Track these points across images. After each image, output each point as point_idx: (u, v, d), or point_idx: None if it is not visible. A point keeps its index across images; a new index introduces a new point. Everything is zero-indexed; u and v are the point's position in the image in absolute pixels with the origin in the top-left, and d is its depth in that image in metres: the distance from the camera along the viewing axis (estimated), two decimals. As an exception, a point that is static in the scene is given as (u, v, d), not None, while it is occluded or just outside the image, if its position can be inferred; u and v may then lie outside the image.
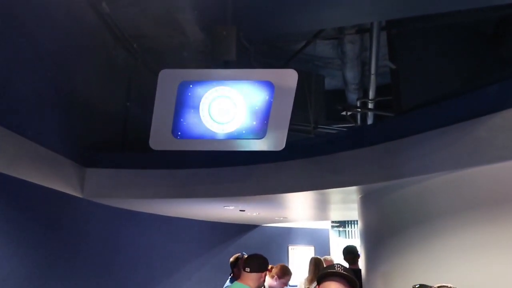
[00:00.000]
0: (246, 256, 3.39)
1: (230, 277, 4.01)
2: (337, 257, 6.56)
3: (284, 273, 4.37)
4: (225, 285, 3.84)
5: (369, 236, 4.03)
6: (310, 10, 3.56)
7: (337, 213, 6.35)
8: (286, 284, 4.46)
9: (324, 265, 4.83)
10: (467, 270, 2.75)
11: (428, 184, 3.11)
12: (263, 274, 2.97)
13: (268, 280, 4.40)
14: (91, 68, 4.34)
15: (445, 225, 2.94)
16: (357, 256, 5.00)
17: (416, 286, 1.73)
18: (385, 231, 3.60)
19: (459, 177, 2.87)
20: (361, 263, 4.34)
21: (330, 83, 7.03)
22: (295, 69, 2.88)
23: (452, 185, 2.93)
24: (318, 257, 5.13)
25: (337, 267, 2.16)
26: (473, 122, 2.75)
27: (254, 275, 2.89)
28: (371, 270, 3.88)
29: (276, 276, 4.32)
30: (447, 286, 1.65)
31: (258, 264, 2.95)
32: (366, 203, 4.07)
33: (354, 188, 3.71)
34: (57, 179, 3.66)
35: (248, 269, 2.90)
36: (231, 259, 3.99)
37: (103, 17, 4.25)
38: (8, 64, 3.05)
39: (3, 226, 2.98)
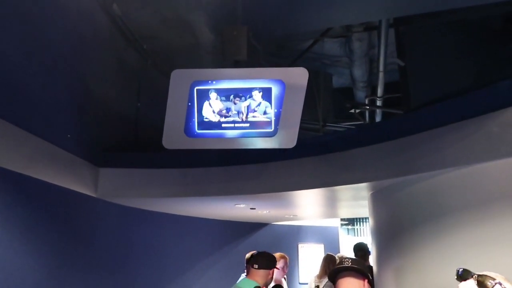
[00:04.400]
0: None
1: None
2: (348, 255, 6.57)
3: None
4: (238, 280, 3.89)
5: (380, 233, 4.05)
6: (319, 9, 3.59)
7: (347, 211, 6.37)
8: (284, 269, 4.48)
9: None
10: (480, 266, 2.76)
11: (440, 180, 3.12)
12: (271, 271, 3.04)
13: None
14: (103, 70, 4.40)
15: (457, 221, 2.96)
16: (368, 253, 5.03)
17: (460, 270, 1.80)
18: (397, 227, 3.62)
19: (470, 172, 2.88)
20: (372, 260, 4.36)
21: (338, 81, 7.04)
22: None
23: (463, 181, 2.94)
24: (332, 254, 5.15)
25: (345, 262, 2.20)
26: (484, 118, 2.76)
27: (262, 272, 2.97)
28: (383, 267, 3.90)
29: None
30: (489, 276, 1.71)
31: (266, 261, 3.03)
32: (377, 199, 4.09)
33: (364, 184, 3.73)
34: (72, 179, 3.72)
35: (256, 266, 2.97)
36: (247, 256, 4.04)
37: (114, 19, 4.32)
38: (24, 67, 3.11)
39: (21, 224, 3.05)
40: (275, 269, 4.25)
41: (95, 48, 4.20)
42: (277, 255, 4.36)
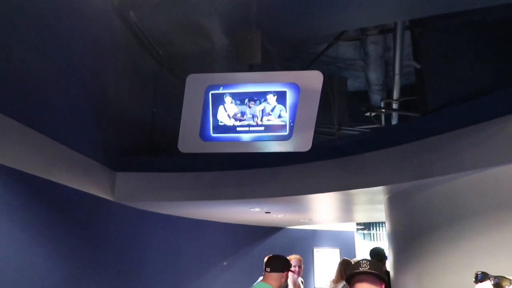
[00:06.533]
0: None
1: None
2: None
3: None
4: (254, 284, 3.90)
5: (397, 237, 4.00)
6: (333, 12, 3.59)
7: (363, 215, 6.31)
8: (297, 266, 4.48)
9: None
10: (500, 270, 2.70)
11: (457, 183, 3.08)
12: (285, 274, 3.04)
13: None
14: (120, 75, 4.47)
15: (476, 225, 2.90)
16: (385, 257, 4.97)
17: (479, 274, 1.79)
18: (414, 231, 3.57)
19: (489, 175, 2.83)
20: (390, 265, 4.31)
21: (353, 84, 7.00)
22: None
23: (482, 184, 2.90)
24: (348, 259, 5.10)
25: (363, 265, 2.16)
26: (502, 120, 2.72)
27: (275, 275, 2.98)
28: (400, 272, 3.84)
29: None
30: (506, 277, 1.70)
31: (279, 264, 3.04)
32: (394, 203, 4.05)
33: (380, 188, 3.69)
34: (90, 182, 3.78)
35: (268, 269, 3.01)
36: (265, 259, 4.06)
37: (130, 25, 4.39)
38: (42, 73, 3.18)
39: (40, 227, 3.11)
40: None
41: (112, 54, 4.27)
42: (290, 257, 4.37)
